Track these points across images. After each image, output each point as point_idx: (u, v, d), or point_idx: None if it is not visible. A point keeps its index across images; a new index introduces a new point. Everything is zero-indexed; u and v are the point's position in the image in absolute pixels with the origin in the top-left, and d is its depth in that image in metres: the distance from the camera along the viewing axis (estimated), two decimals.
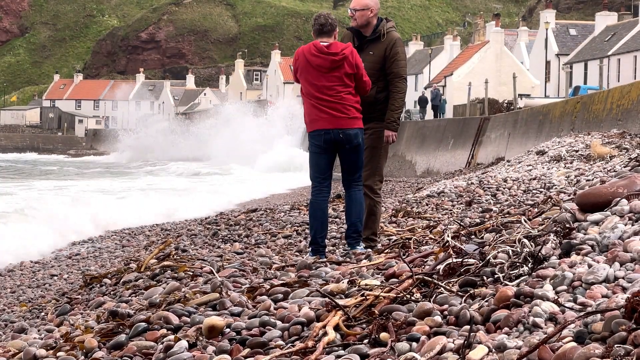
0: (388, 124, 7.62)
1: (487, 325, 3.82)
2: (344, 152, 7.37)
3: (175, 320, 4.95)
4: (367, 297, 4.54)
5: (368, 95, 7.48)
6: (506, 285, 4.19)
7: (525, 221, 5.26)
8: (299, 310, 4.71)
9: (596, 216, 4.75)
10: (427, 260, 5.51)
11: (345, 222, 8.05)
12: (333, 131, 7.28)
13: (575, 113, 21.61)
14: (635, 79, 47.31)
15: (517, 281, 4.24)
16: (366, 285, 4.90)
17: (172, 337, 4.64)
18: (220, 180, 39.42)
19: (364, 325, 4.26)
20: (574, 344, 3.31)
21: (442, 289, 4.47)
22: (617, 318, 3.35)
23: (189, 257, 8.10)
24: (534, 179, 12.27)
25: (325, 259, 6.93)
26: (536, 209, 6.34)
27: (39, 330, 6.15)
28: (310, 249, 7.52)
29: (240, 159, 54.01)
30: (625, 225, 4.47)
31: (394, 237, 8.01)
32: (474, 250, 5.01)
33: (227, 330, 4.60)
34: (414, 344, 3.78)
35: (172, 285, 6.24)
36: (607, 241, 4.36)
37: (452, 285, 4.50)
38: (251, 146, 56.44)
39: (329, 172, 7.46)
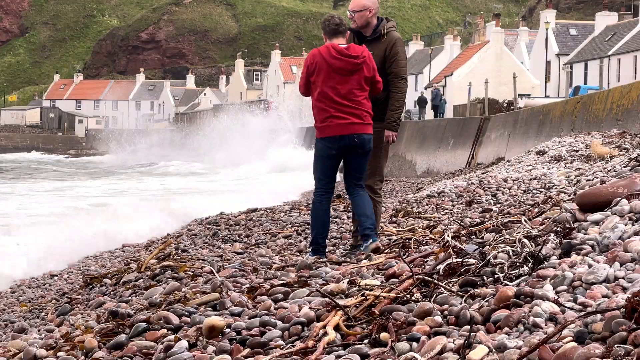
0: (388, 124, 7.61)
1: (487, 325, 3.83)
2: (355, 156, 7.32)
3: (175, 320, 4.95)
4: (368, 297, 4.54)
5: None
6: (506, 285, 4.19)
7: (525, 221, 5.25)
8: (299, 310, 4.71)
9: (596, 216, 4.75)
10: (427, 260, 5.51)
11: (351, 221, 7.99)
12: (348, 136, 7.22)
13: (576, 113, 21.60)
14: (635, 79, 47.32)
15: (518, 281, 4.24)
16: (366, 285, 4.90)
17: (172, 337, 4.64)
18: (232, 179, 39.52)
19: (364, 325, 4.27)
20: (574, 344, 3.31)
21: (442, 289, 4.47)
22: (617, 318, 3.35)
23: (189, 257, 8.10)
24: (534, 179, 12.27)
25: (325, 259, 6.94)
26: (536, 209, 6.34)
27: (39, 330, 6.15)
28: (310, 249, 7.52)
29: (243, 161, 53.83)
30: (626, 225, 4.47)
31: (394, 237, 8.01)
32: (474, 250, 5.01)
33: (228, 330, 4.60)
34: (414, 344, 3.78)
35: (172, 285, 6.24)
36: (607, 241, 4.36)
37: (453, 285, 4.50)
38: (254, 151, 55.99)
39: (334, 175, 7.45)
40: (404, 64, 7.66)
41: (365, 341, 4.03)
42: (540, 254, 4.42)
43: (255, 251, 8.77)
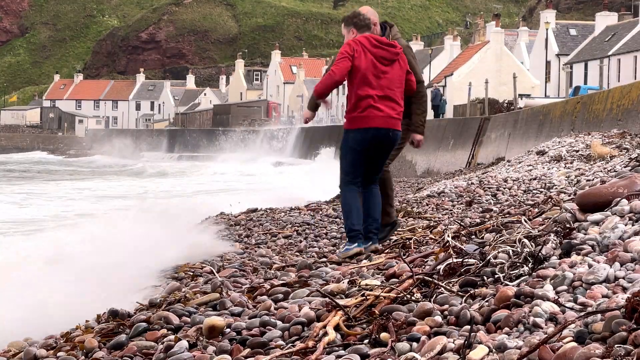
0: (417, 128, 7.72)
1: (487, 325, 3.83)
2: (381, 151, 7.27)
3: (175, 320, 4.96)
4: (368, 297, 4.54)
5: None
6: (506, 285, 4.19)
7: (525, 221, 5.25)
8: (299, 310, 4.71)
9: (596, 216, 4.75)
10: (427, 261, 5.51)
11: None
12: (385, 130, 7.16)
13: (576, 113, 21.60)
14: (635, 79, 47.34)
15: (518, 281, 4.24)
16: (366, 285, 4.90)
17: (172, 337, 4.64)
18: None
19: (365, 326, 4.27)
20: (574, 344, 3.31)
21: (442, 289, 4.48)
22: (617, 318, 3.35)
23: None
24: (534, 179, 12.27)
25: (325, 259, 6.94)
26: (536, 209, 6.34)
27: None
28: (348, 239, 7.27)
29: None
30: (626, 225, 4.47)
31: (394, 237, 8.01)
32: (474, 250, 5.01)
33: (228, 330, 4.60)
34: (415, 344, 3.77)
35: (173, 285, 6.25)
36: (607, 241, 4.36)
37: (453, 285, 4.51)
38: None
39: (362, 169, 7.34)
40: (419, 68, 7.77)
41: (366, 341, 4.03)
42: (540, 254, 4.42)
43: (256, 251, 8.77)
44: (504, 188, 11.94)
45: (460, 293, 4.36)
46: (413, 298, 4.47)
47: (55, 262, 7.88)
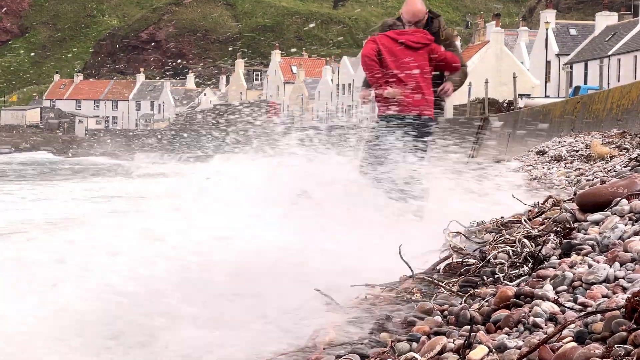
0: (449, 79, 8.21)
1: (487, 325, 3.82)
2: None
3: None
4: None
5: None
6: (506, 285, 4.19)
7: (525, 221, 5.25)
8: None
9: (596, 216, 4.74)
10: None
11: None
12: (406, 115, 7.54)
13: (576, 113, 21.59)
14: (635, 79, 47.33)
15: (518, 281, 4.24)
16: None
17: None
18: None
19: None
20: (574, 344, 3.30)
21: (442, 288, 4.47)
22: (617, 318, 3.34)
23: None
24: (534, 179, 12.26)
25: None
26: (536, 209, 6.33)
27: None
28: None
29: None
30: (626, 225, 4.46)
31: None
32: (474, 250, 5.01)
33: None
34: (414, 344, 3.77)
35: None
36: (607, 241, 4.36)
37: (453, 285, 4.50)
38: None
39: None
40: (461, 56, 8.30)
41: (366, 341, 4.03)
42: (540, 254, 4.41)
43: None
44: None
45: (460, 293, 4.35)
46: (413, 298, 4.46)
47: None
